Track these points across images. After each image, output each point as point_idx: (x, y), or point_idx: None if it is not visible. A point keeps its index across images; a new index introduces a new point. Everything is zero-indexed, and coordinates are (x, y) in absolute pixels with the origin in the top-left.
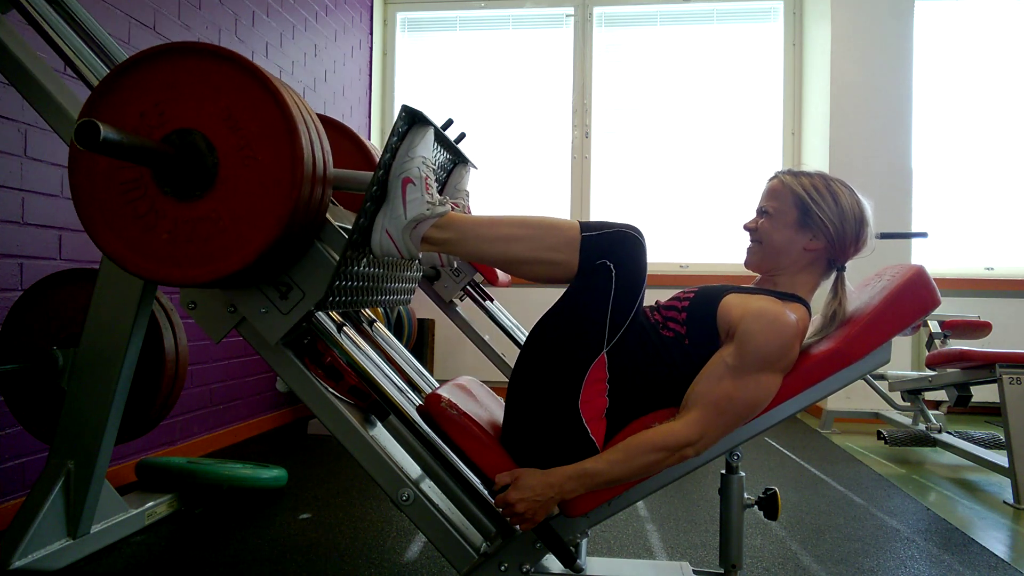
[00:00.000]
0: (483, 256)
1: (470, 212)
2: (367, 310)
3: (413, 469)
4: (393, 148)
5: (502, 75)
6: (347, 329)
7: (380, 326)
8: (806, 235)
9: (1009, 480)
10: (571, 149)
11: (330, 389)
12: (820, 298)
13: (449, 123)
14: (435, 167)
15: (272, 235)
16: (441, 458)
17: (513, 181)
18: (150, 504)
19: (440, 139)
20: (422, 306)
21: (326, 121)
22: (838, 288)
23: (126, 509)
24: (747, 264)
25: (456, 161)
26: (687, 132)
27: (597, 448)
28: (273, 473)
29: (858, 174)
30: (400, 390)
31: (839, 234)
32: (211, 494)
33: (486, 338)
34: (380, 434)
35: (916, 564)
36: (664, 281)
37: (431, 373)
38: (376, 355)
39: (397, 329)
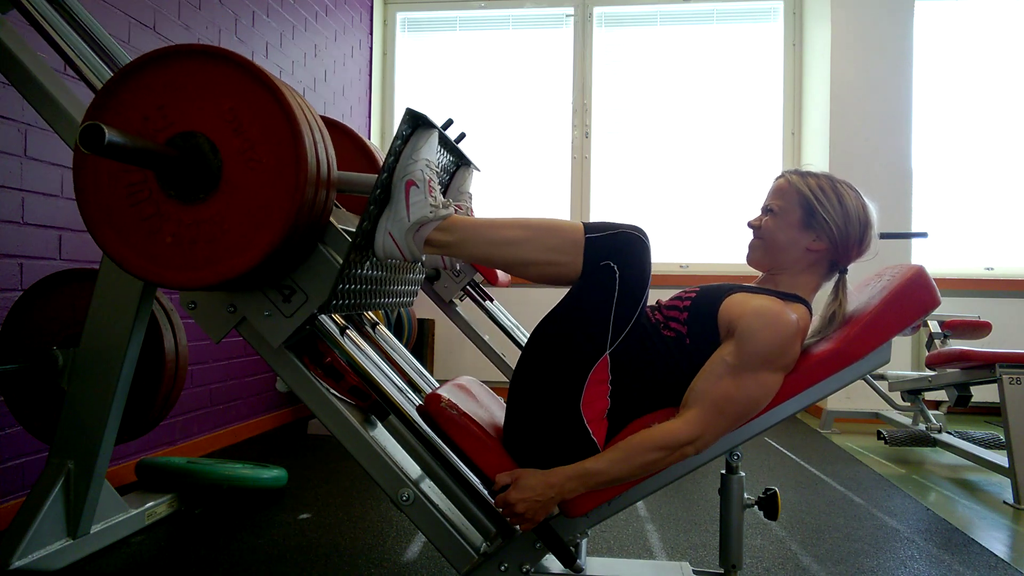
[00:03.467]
0: (487, 259)
1: (472, 214)
2: (370, 312)
3: (413, 469)
4: (397, 151)
5: (502, 75)
6: (350, 332)
7: (381, 327)
8: (809, 235)
9: (1009, 480)
10: (571, 149)
11: (330, 389)
12: (820, 300)
13: (449, 123)
14: (438, 169)
15: (276, 238)
16: (441, 458)
17: (513, 181)
18: (150, 504)
19: (443, 141)
20: (422, 306)
21: (328, 122)
22: (839, 290)
23: (126, 509)
24: (749, 261)
25: (459, 163)
26: (687, 132)
27: (598, 449)
28: (273, 473)
29: (858, 174)
30: (400, 390)
31: (842, 236)
32: (211, 494)
33: (486, 338)
34: (380, 434)
35: (916, 564)
36: (664, 281)
37: (431, 373)
38: (376, 355)
39: (397, 329)
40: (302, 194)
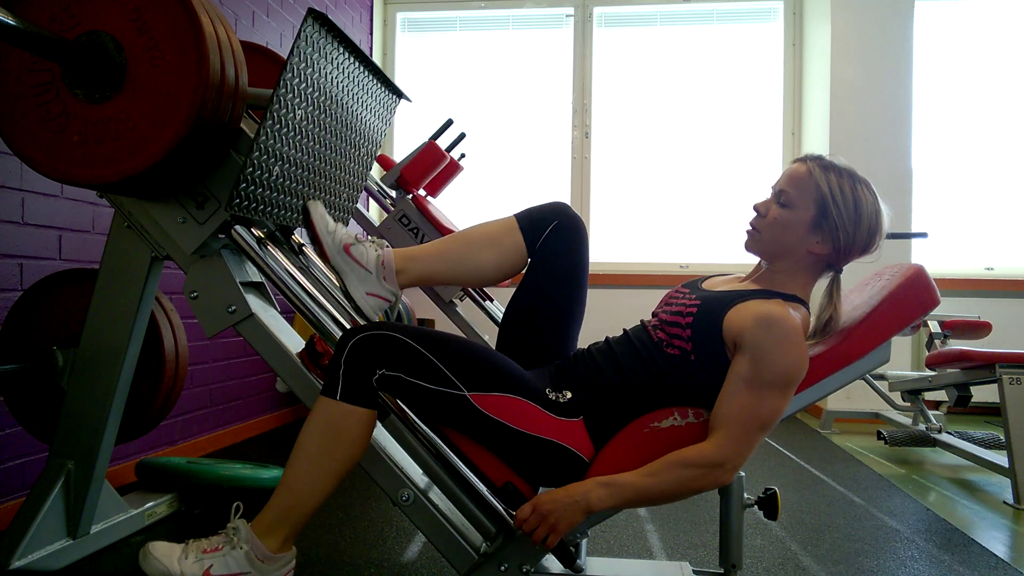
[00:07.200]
0: (455, 279)
1: None
2: (298, 236)
3: (413, 469)
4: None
5: (502, 75)
6: (271, 247)
7: (309, 251)
8: (815, 237)
9: (1009, 480)
10: (571, 149)
11: None
12: (815, 297)
13: (449, 123)
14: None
15: (178, 134)
16: (441, 458)
17: (513, 181)
18: (150, 504)
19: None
20: (422, 306)
21: (255, 47)
22: (833, 292)
23: (126, 509)
24: (747, 246)
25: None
26: (687, 132)
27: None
28: (273, 473)
29: None
30: None
31: (848, 242)
32: (211, 494)
33: (486, 338)
34: (380, 434)
35: (916, 564)
36: (664, 281)
37: None
38: None
39: None
40: (204, 90)
